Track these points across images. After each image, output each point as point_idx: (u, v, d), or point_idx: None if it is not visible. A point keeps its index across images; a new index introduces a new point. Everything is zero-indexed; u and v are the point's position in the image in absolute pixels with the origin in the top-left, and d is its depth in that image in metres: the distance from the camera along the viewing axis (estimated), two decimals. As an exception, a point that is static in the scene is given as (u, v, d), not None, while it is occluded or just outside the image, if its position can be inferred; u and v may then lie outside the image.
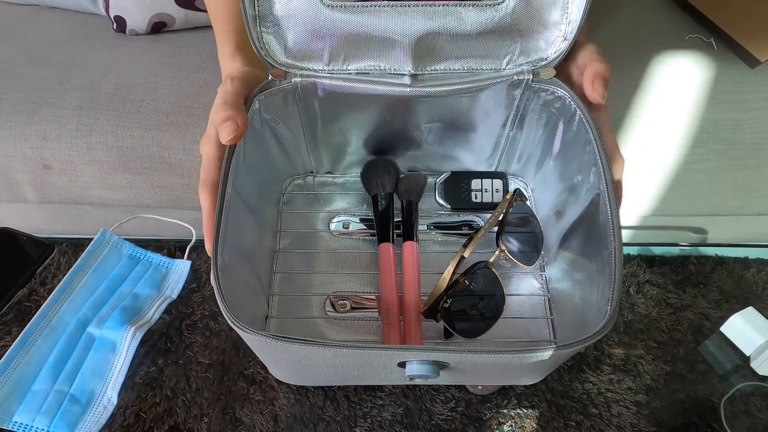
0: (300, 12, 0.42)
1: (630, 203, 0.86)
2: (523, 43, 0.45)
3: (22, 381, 0.47)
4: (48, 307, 0.51)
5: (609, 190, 0.40)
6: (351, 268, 0.55)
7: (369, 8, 0.42)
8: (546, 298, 0.53)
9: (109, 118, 0.78)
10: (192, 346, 0.52)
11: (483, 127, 0.53)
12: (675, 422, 0.49)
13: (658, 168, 0.81)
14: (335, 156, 0.58)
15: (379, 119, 0.52)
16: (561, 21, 0.44)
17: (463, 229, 0.58)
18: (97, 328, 0.50)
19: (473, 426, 0.48)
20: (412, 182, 0.57)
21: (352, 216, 0.58)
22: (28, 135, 0.78)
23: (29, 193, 0.84)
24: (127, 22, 0.91)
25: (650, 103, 0.78)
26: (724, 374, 0.52)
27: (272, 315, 0.51)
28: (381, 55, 0.45)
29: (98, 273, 0.54)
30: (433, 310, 0.48)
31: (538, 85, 0.47)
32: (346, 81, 0.46)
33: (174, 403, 0.49)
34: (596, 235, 0.42)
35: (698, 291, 0.57)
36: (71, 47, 0.90)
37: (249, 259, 0.46)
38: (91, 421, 0.46)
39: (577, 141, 0.46)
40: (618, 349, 0.53)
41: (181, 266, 0.57)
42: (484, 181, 0.58)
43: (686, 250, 0.61)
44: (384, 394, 0.49)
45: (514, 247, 0.52)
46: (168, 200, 0.83)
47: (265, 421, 0.48)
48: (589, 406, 0.49)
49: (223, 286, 0.36)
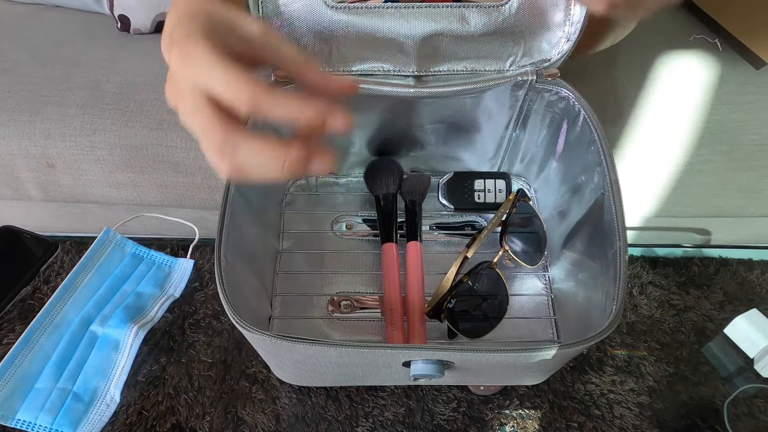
0: (304, 13, 0.42)
1: (634, 204, 0.86)
2: (526, 45, 0.45)
3: (25, 379, 0.47)
4: (51, 305, 0.51)
5: (614, 190, 0.40)
6: (354, 268, 0.55)
7: (372, 10, 0.42)
8: (549, 299, 0.53)
9: (113, 116, 0.78)
10: (194, 345, 0.52)
11: (486, 127, 0.53)
12: (678, 424, 0.48)
13: (661, 169, 0.81)
14: (338, 156, 0.58)
15: (383, 120, 0.52)
16: (564, 22, 0.44)
17: (466, 229, 0.58)
18: (100, 327, 0.51)
19: (475, 426, 0.48)
20: (416, 183, 0.57)
21: (355, 216, 0.58)
22: (32, 133, 0.78)
23: (33, 191, 0.84)
24: (131, 20, 0.92)
25: (654, 103, 0.78)
26: (727, 376, 0.51)
27: (275, 315, 0.51)
28: (385, 57, 0.45)
29: (101, 271, 0.54)
30: (436, 311, 0.48)
31: (541, 86, 0.47)
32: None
33: (176, 401, 0.49)
34: (600, 235, 0.42)
35: (702, 292, 0.57)
36: (75, 46, 0.90)
37: (252, 260, 0.46)
38: (94, 418, 0.46)
39: (581, 141, 0.46)
40: (621, 350, 0.53)
41: (184, 265, 0.57)
42: (487, 182, 0.58)
43: (690, 251, 0.61)
44: (386, 394, 0.49)
45: (517, 247, 0.52)
46: (171, 199, 0.83)
47: (267, 420, 0.48)
48: (591, 407, 0.49)
49: (227, 287, 0.36)
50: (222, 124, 0.26)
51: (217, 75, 0.26)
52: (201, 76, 0.27)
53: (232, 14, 0.30)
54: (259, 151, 0.26)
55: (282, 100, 0.26)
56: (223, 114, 0.27)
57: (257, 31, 0.30)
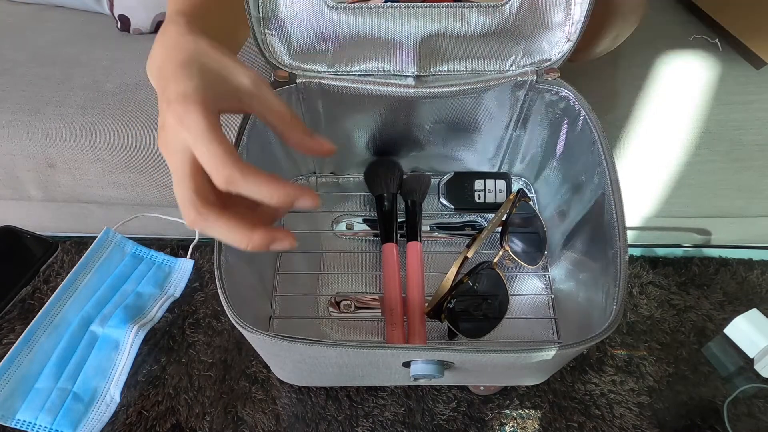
0: (304, 13, 0.42)
1: (634, 204, 0.86)
2: (527, 45, 0.45)
3: (25, 379, 0.47)
4: (51, 305, 0.51)
5: (614, 191, 0.40)
6: (354, 268, 0.55)
7: (372, 10, 0.42)
8: (550, 299, 0.53)
9: (112, 116, 0.78)
10: (194, 345, 0.52)
11: (486, 127, 0.53)
12: (677, 424, 0.48)
13: (662, 169, 0.81)
14: (339, 157, 0.58)
15: (383, 120, 0.52)
16: (564, 22, 0.44)
17: (467, 229, 0.58)
18: (100, 327, 0.51)
19: (475, 426, 0.48)
20: (416, 183, 0.57)
21: (355, 217, 0.58)
22: (33, 133, 0.78)
23: (33, 191, 0.84)
24: (131, 20, 0.92)
25: (654, 103, 0.78)
26: (727, 376, 0.51)
27: (276, 315, 0.51)
28: (385, 57, 0.45)
29: (101, 271, 0.54)
30: (437, 311, 0.48)
31: (541, 86, 0.47)
32: (350, 82, 0.46)
33: (176, 401, 0.49)
34: (601, 235, 0.42)
35: (702, 292, 0.57)
36: (75, 46, 0.90)
37: (252, 260, 0.46)
38: (93, 419, 0.46)
39: (581, 141, 0.46)
40: (621, 350, 0.53)
41: (184, 265, 0.57)
42: (487, 182, 0.58)
43: (690, 251, 0.61)
44: (386, 393, 0.49)
45: (517, 247, 0.52)
46: (171, 199, 0.82)
47: (267, 420, 0.48)
48: (591, 407, 0.49)
49: (227, 287, 0.36)
50: (199, 199, 0.29)
51: (203, 150, 0.28)
52: (190, 143, 0.29)
53: (223, 64, 0.32)
54: (226, 231, 0.29)
55: (255, 184, 0.28)
56: (203, 185, 0.29)
57: (248, 83, 0.32)
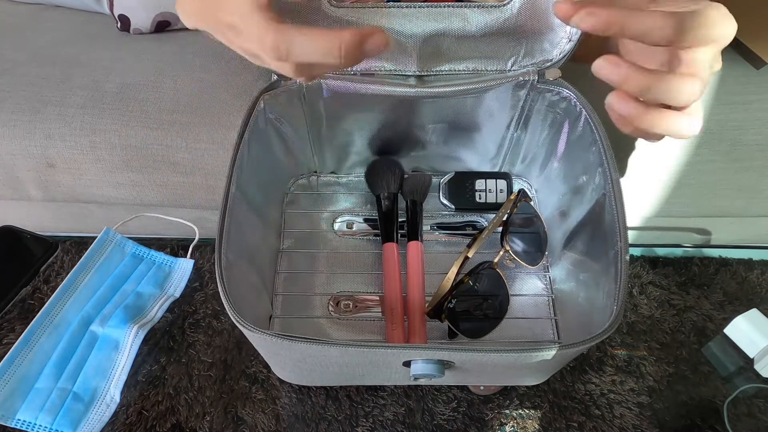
0: (305, 12, 0.42)
1: (634, 204, 0.86)
2: (528, 45, 0.45)
3: (25, 379, 0.47)
4: (51, 305, 0.51)
5: (615, 191, 0.40)
6: (355, 268, 0.55)
7: (374, 9, 0.42)
8: (550, 299, 0.53)
9: (112, 116, 0.78)
10: (194, 345, 0.52)
11: (487, 127, 0.53)
12: (677, 424, 0.48)
13: (661, 169, 0.81)
14: (339, 156, 0.58)
15: (384, 120, 0.52)
16: (566, 22, 0.44)
17: (467, 229, 0.58)
18: (100, 327, 0.50)
19: (475, 426, 0.48)
20: (417, 182, 0.57)
21: (356, 216, 0.58)
22: (32, 133, 0.78)
23: (33, 191, 0.84)
24: (131, 20, 0.91)
25: (654, 104, 0.78)
26: (727, 376, 0.52)
27: (276, 315, 0.51)
28: (386, 56, 0.45)
29: (101, 271, 0.54)
30: (437, 310, 0.48)
31: (543, 86, 0.47)
32: (351, 81, 0.46)
33: (176, 401, 0.49)
34: (601, 235, 0.42)
35: (702, 292, 0.57)
36: (75, 46, 0.90)
37: (253, 259, 0.46)
38: (93, 418, 0.46)
39: (582, 141, 0.46)
40: (621, 350, 0.53)
41: (184, 265, 0.57)
42: (488, 182, 0.58)
43: (690, 251, 0.61)
44: (386, 393, 0.49)
45: (518, 247, 0.52)
46: (171, 199, 0.83)
47: (267, 420, 0.48)
48: (591, 407, 0.49)
49: (228, 286, 0.36)
50: (271, 25, 0.28)
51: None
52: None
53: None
54: (313, 40, 0.28)
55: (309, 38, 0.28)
56: (271, 16, 0.29)
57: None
